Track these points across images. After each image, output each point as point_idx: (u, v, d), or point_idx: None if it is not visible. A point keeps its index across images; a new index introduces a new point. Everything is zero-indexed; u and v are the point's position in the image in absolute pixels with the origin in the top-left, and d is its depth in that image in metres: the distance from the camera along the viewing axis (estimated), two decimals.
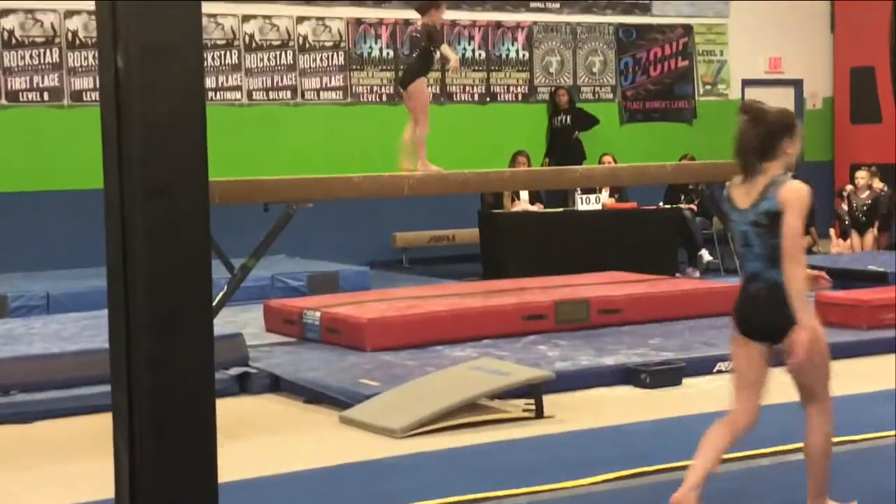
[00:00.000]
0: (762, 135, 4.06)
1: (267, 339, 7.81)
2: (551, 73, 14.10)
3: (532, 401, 5.91)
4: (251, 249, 7.80)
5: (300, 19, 12.76)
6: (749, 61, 15.19)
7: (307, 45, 12.79)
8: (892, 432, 5.37)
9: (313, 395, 6.37)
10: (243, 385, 6.65)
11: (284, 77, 12.69)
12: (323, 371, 6.69)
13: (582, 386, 6.52)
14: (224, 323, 7.85)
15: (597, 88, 14.43)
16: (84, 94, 11.64)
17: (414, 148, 8.19)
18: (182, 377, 2.41)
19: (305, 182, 8.03)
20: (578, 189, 11.37)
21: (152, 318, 2.39)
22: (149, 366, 2.40)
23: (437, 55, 8.33)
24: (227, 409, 6.18)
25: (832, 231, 13.48)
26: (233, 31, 12.45)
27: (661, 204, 12.29)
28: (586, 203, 11.47)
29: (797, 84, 15.77)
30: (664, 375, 6.56)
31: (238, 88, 12.47)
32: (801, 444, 5.08)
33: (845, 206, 13.40)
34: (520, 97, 13.92)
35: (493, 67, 13.77)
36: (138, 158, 2.36)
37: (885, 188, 13.27)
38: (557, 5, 14.07)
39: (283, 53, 12.68)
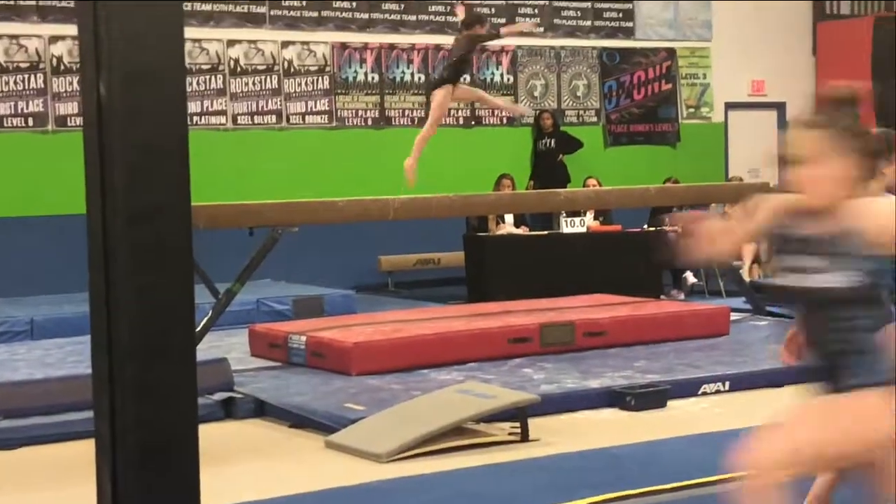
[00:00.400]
0: None
1: (252, 363, 7.79)
2: (536, 97, 14.16)
3: (518, 424, 5.91)
4: (236, 273, 7.80)
5: (285, 44, 12.79)
6: (732, 84, 15.28)
7: (292, 70, 12.82)
8: None
9: (299, 420, 6.35)
10: (228, 410, 6.63)
11: (269, 101, 12.71)
12: (308, 395, 6.68)
13: (567, 409, 6.52)
14: (209, 347, 7.84)
15: (581, 112, 14.49)
16: (68, 119, 11.63)
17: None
18: (165, 405, 2.40)
19: (290, 206, 8.04)
20: (563, 212, 11.40)
21: (135, 345, 2.38)
22: (131, 394, 2.39)
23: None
24: (212, 435, 6.16)
25: None
26: (217, 56, 12.47)
27: (645, 226, 12.32)
28: (571, 226, 11.50)
29: (780, 107, 15.85)
30: (649, 398, 6.56)
31: (223, 113, 12.49)
32: None
33: None
34: (504, 121, 13.96)
35: None
36: (121, 184, 2.36)
37: None
38: (542, 29, 14.14)
39: (268, 78, 12.70)
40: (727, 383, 7.02)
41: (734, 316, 9.07)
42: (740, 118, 15.49)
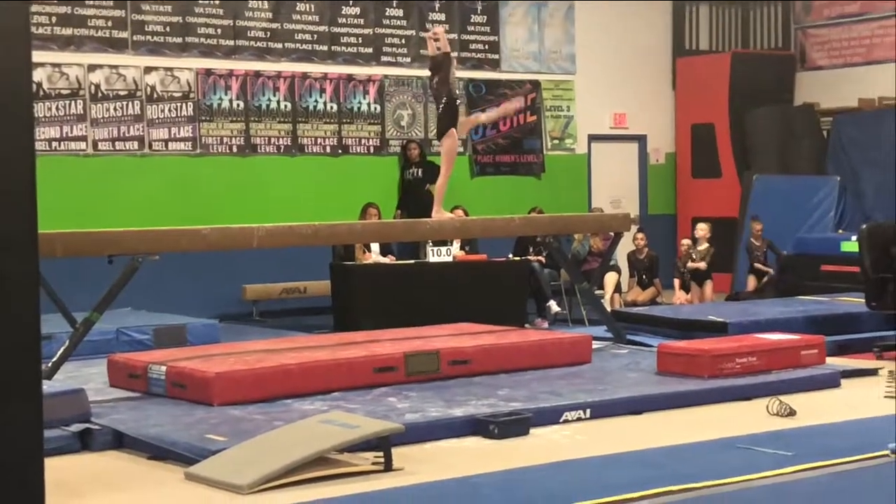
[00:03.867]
0: None
1: (111, 394, 7.62)
2: (402, 127, 14.22)
3: (381, 453, 5.89)
4: (96, 302, 7.63)
5: (148, 69, 12.62)
6: (595, 117, 15.58)
7: (155, 96, 12.65)
8: (733, 479, 5.50)
9: (158, 452, 6.23)
10: (85, 442, 6.47)
11: (131, 127, 12.52)
12: (168, 426, 6.55)
13: (431, 438, 6.52)
14: (66, 378, 7.66)
15: None
16: None
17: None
18: (9, 442, 2.32)
19: (151, 234, 7.90)
20: (429, 241, 11.45)
21: None
22: None
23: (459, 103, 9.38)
24: (69, 467, 6.02)
25: (676, 282, 13.83)
26: (78, 81, 12.23)
27: (510, 256, 12.45)
28: (437, 255, 11.55)
29: (641, 140, 16.22)
30: (512, 426, 6.61)
31: (83, 139, 12.25)
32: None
33: (688, 259, 13.78)
34: (371, 150, 13.99)
35: (344, 120, 13.82)
36: None
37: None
38: (408, 59, 14.22)
39: (131, 103, 12.51)
40: (588, 411, 7.11)
41: (596, 344, 9.20)
42: (603, 150, 15.80)
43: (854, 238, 11.42)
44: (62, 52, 12.12)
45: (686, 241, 14.00)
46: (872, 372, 8.55)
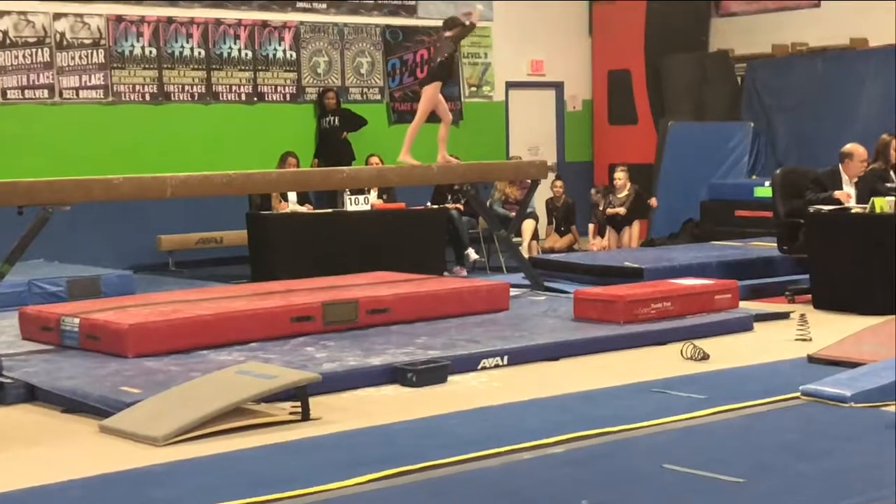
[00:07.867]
0: None
1: (23, 347, 7.50)
2: (319, 74, 14.09)
3: (298, 403, 5.88)
4: (6, 254, 7.49)
5: (57, 16, 12.33)
6: (512, 64, 15.57)
7: (65, 43, 12.37)
8: (648, 422, 5.58)
9: (72, 405, 6.15)
10: None
11: (41, 75, 12.24)
12: (82, 379, 6.47)
13: (349, 387, 6.52)
14: None
15: (365, 89, 14.51)
16: None
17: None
18: None
19: (61, 184, 7.73)
20: (347, 190, 11.38)
21: None
22: None
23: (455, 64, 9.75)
24: None
25: (591, 227, 13.92)
26: None
27: (428, 204, 12.43)
28: (355, 204, 11.50)
29: (558, 86, 16.25)
30: (430, 374, 6.63)
31: None
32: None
33: (603, 205, 13.87)
34: (288, 97, 13.86)
35: (260, 67, 13.66)
36: None
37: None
38: (324, 6, 14.07)
39: (40, 51, 12.23)
40: (506, 357, 7.15)
41: (514, 292, 9.25)
42: (520, 97, 15.81)
43: (767, 183, 11.58)
44: None
45: (595, 189, 14.14)
46: (784, 315, 8.71)
